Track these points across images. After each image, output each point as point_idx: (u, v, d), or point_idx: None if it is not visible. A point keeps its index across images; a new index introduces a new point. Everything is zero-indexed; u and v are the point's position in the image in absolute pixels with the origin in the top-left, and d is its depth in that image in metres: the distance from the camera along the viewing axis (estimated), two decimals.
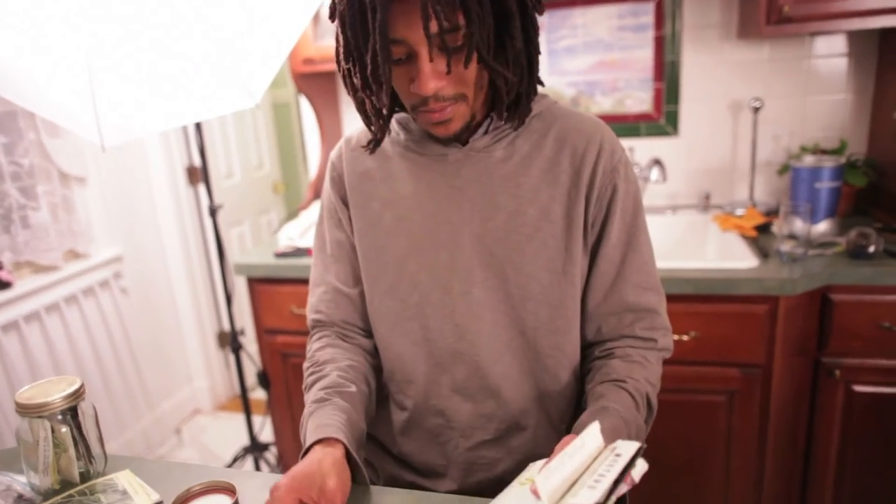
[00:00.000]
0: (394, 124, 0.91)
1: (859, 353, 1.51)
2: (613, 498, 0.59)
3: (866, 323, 1.48)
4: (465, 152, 0.87)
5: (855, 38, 1.84)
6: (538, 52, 0.80)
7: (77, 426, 0.79)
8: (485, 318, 0.87)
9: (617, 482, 0.60)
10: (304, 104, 2.38)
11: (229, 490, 0.77)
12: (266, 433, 2.45)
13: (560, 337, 0.88)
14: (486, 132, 0.86)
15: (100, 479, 0.81)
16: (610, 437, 0.72)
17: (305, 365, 0.94)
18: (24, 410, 0.76)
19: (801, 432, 1.61)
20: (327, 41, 2.02)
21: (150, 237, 2.67)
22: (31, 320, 2.06)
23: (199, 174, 2.77)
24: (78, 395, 0.79)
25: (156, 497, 0.78)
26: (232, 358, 3.04)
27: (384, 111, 0.83)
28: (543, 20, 2.04)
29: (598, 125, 0.88)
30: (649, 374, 0.87)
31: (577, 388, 0.93)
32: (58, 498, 0.77)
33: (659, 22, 1.96)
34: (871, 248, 1.50)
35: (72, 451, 0.79)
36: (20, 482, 0.79)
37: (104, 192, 2.40)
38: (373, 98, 0.79)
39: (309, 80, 2.16)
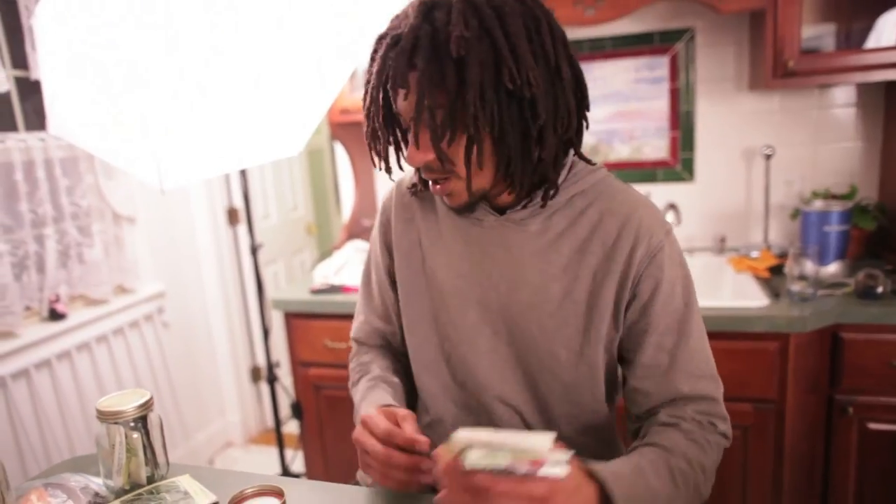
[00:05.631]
0: None
1: (872, 391, 1.55)
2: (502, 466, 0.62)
3: (877, 361, 1.52)
4: (502, 221, 0.89)
5: (862, 89, 1.93)
6: (569, 144, 0.83)
7: (146, 434, 0.90)
8: (507, 377, 0.91)
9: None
10: (339, 150, 2.54)
11: (278, 493, 0.87)
12: (297, 465, 2.53)
13: (574, 408, 0.92)
14: (524, 206, 0.87)
15: (163, 482, 0.91)
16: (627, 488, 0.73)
17: (351, 366, 1.05)
18: (103, 417, 0.87)
19: (817, 469, 1.64)
20: (362, 93, 2.17)
21: (191, 274, 2.82)
22: (82, 350, 2.20)
23: (238, 215, 2.93)
24: (147, 405, 0.90)
25: (213, 498, 0.87)
26: (264, 392, 3.15)
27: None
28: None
29: (635, 209, 0.86)
30: (705, 462, 0.83)
31: (594, 447, 0.97)
32: (128, 496, 0.87)
33: (673, 75, 2.08)
34: (880, 289, 1.56)
35: (141, 455, 0.89)
36: (96, 482, 0.90)
37: (151, 231, 2.56)
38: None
39: (345, 129, 2.32)
